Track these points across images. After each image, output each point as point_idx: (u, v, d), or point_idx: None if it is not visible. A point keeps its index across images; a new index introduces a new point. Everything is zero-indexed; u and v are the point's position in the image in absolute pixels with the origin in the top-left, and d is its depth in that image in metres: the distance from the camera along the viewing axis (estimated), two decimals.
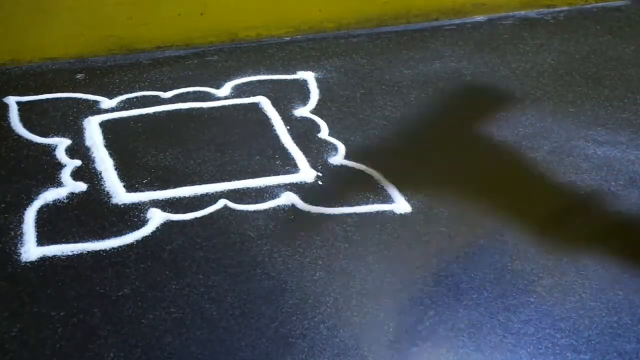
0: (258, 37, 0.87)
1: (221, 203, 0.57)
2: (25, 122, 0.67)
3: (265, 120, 0.70)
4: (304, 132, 0.68)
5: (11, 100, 0.71)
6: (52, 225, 0.54)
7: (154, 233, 0.55)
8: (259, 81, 0.77)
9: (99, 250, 0.52)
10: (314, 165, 0.63)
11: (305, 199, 0.58)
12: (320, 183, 0.61)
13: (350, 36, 0.87)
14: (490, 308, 0.50)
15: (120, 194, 0.58)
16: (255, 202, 0.58)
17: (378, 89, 0.76)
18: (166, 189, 0.59)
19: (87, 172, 0.60)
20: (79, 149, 0.63)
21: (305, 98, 0.74)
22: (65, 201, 0.57)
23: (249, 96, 0.74)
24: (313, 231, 0.55)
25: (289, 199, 0.58)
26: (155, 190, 0.59)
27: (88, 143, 0.64)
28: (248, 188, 0.60)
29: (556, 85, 0.77)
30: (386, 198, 0.59)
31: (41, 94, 0.72)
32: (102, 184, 0.59)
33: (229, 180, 0.60)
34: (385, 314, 0.48)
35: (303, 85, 0.77)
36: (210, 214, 0.57)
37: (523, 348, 0.47)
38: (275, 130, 0.68)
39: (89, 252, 0.52)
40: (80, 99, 0.71)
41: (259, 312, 0.48)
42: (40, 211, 0.56)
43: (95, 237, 0.53)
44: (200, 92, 0.74)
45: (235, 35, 0.87)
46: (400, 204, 0.58)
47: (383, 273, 0.52)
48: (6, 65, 0.77)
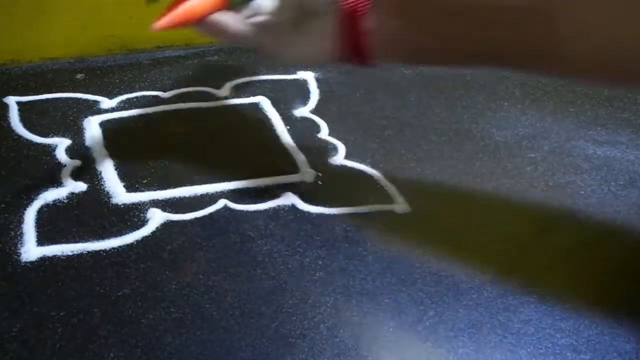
0: None
1: (221, 203, 0.57)
2: (25, 122, 0.67)
3: (265, 120, 0.70)
4: (304, 132, 0.68)
5: (11, 100, 0.70)
6: (52, 225, 0.54)
7: (154, 233, 0.54)
8: (259, 81, 0.77)
9: (99, 250, 0.52)
10: (314, 165, 0.63)
11: (305, 199, 0.58)
12: (320, 183, 0.61)
13: None
14: (490, 308, 0.49)
15: (120, 194, 0.58)
16: (255, 202, 0.58)
17: (378, 89, 0.75)
18: (166, 189, 0.59)
19: (87, 172, 0.60)
20: (79, 149, 0.63)
21: (305, 98, 0.74)
22: (65, 201, 0.57)
23: (249, 96, 0.74)
24: (313, 231, 0.55)
25: (289, 199, 0.58)
26: (155, 190, 0.59)
27: (88, 143, 0.64)
28: (248, 188, 0.60)
29: (556, 85, 0.77)
30: (386, 198, 0.59)
31: (41, 94, 0.72)
32: (102, 184, 0.59)
33: (229, 180, 0.60)
34: (385, 314, 0.48)
35: (303, 85, 0.77)
36: (210, 214, 0.56)
37: (523, 348, 0.47)
38: (275, 130, 0.68)
39: (89, 252, 0.52)
40: (80, 99, 0.71)
41: (259, 312, 0.48)
42: (40, 211, 0.55)
43: (95, 237, 0.53)
44: (200, 92, 0.75)
45: None
46: (400, 204, 0.58)
47: (383, 273, 0.52)
48: (6, 65, 0.77)
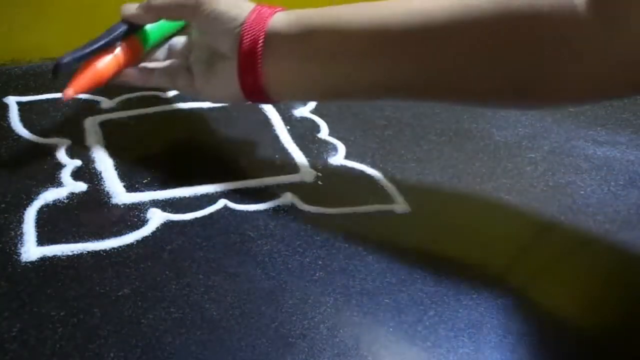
0: None
1: (221, 203, 0.57)
2: (25, 122, 0.67)
3: (265, 120, 0.70)
4: (304, 132, 0.68)
5: (11, 100, 0.70)
6: (52, 225, 0.54)
7: (154, 233, 0.54)
8: None
9: (99, 250, 0.52)
10: (314, 165, 0.63)
11: (305, 199, 0.58)
12: (320, 183, 0.61)
13: None
14: (490, 308, 0.49)
15: (120, 194, 0.58)
16: (255, 202, 0.58)
17: None
18: (166, 189, 0.59)
19: (87, 172, 0.60)
20: (79, 149, 0.63)
21: None
22: (65, 201, 0.57)
23: None
24: (313, 231, 0.55)
25: (289, 199, 0.58)
26: (155, 190, 0.59)
27: (88, 143, 0.64)
28: (248, 188, 0.60)
29: None
30: (386, 198, 0.59)
31: (41, 94, 0.72)
32: (102, 184, 0.59)
33: (229, 180, 0.60)
34: (385, 314, 0.48)
35: None
36: (210, 214, 0.56)
37: (523, 348, 0.47)
38: (275, 130, 0.68)
39: (89, 252, 0.52)
40: (80, 99, 0.71)
41: (259, 312, 0.47)
42: (40, 211, 0.55)
43: (95, 237, 0.53)
44: None
45: None
46: (400, 204, 0.58)
47: (383, 273, 0.51)
48: (6, 65, 0.77)
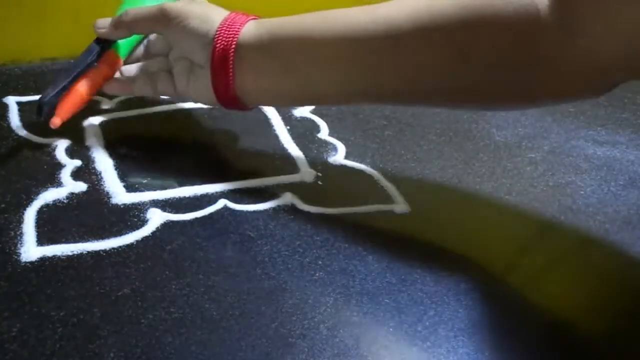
0: None
1: (221, 203, 0.57)
2: (25, 122, 0.67)
3: (265, 120, 0.70)
4: (304, 132, 0.68)
5: (11, 100, 0.70)
6: (52, 225, 0.54)
7: (154, 233, 0.54)
8: None
9: (99, 250, 0.52)
10: (314, 165, 0.63)
11: (305, 199, 0.58)
12: (320, 183, 0.61)
13: None
14: (490, 308, 0.49)
15: (120, 194, 0.58)
16: (255, 202, 0.58)
17: None
18: (166, 189, 0.59)
19: (87, 172, 0.60)
20: (79, 149, 0.63)
21: None
22: (65, 201, 0.57)
23: None
24: (313, 231, 0.55)
25: (288, 199, 0.58)
26: (155, 190, 0.59)
27: (88, 143, 0.64)
28: (248, 188, 0.60)
29: None
30: (386, 198, 0.59)
31: (41, 94, 0.72)
32: (102, 184, 0.59)
33: (229, 180, 0.60)
34: (385, 314, 0.48)
35: None
36: (210, 214, 0.56)
37: (523, 348, 0.47)
38: (275, 130, 0.68)
39: (89, 252, 0.52)
40: None
41: (259, 312, 0.47)
42: (40, 211, 0.55)
43: (95, 237, 0.53)
44: None
45: None
46: (400, 204, 0.58)
47: (383, 273, 0.51)
48: (6, 65, 0.77)
